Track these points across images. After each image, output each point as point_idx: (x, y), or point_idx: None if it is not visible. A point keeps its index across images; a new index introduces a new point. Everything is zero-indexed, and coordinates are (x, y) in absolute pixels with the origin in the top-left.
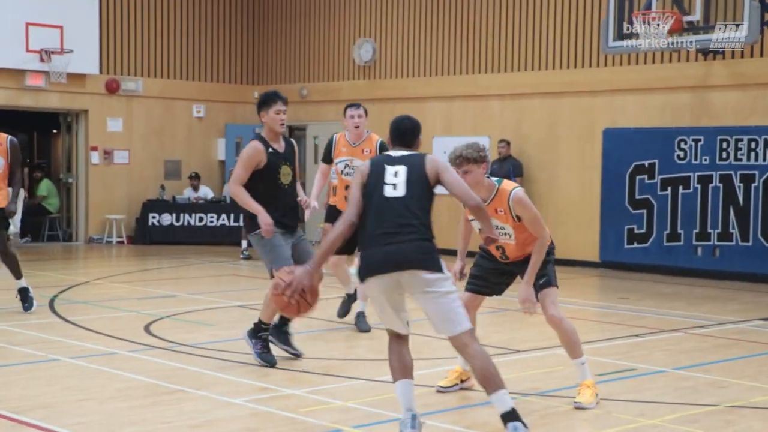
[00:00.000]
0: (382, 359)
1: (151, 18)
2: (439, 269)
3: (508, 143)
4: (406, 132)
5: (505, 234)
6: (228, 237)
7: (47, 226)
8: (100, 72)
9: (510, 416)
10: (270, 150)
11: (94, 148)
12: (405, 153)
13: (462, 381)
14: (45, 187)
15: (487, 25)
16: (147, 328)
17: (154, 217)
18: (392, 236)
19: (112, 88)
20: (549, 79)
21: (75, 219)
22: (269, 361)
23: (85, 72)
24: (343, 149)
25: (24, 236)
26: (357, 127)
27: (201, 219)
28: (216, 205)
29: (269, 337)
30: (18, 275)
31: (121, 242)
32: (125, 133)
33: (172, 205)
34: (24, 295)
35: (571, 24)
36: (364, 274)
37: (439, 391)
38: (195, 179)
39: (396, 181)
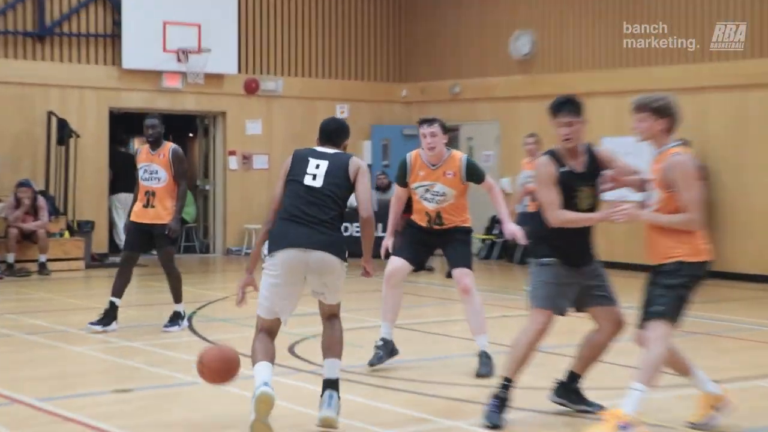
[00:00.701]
0: (549, 387)
1: (292, 14)
2: (344, 259)
3: (687, 143)
4: (331, 133)
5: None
6: (376, 249)
7: (183, 237)
8: (239, 71)
9: (331, 384)
10: (564, 169)
11: (232, 153)
12: (331, 150)
13: (714, 407)
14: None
15: (660, 11)
16: (291, 349)
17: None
18: (307, 221)
19: (251, 89)
20: (736, 71)
21: (212, 229)
22: (493, 422)
23: (223, 72)
24: (420, 173)
25: None
26: (431, 148)
27: (345, 229)
28: None
29: (557, 400)
30: (177, 299)
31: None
32: (264, 136)
33: None
34: (173, 317)
35: (764, 8)
36: (277, 245)
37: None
38: None
39: (316, 173)
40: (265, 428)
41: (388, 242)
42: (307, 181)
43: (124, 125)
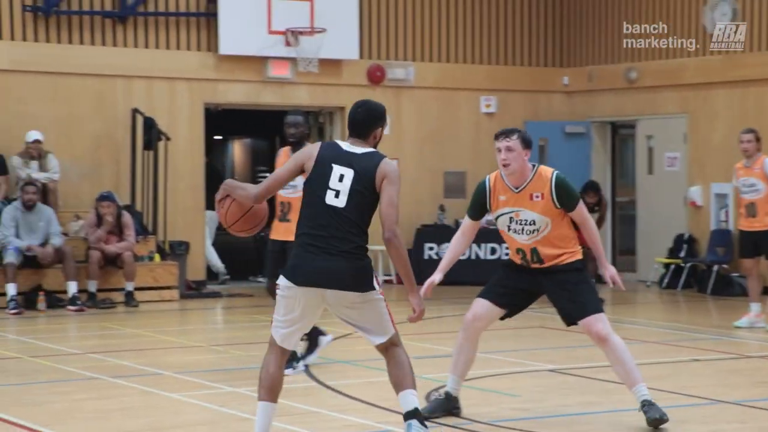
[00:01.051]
0: None
1: None
2: (371, 288)
3: None
4: (359, 124)
5: None
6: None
7: None
8: (360, 57)
9: (411, 414)
10: None
11: None
12: (358, 151)
13: None
14: None
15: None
16: (428, 398)
17: (431, 249)
18: (326, 249)
19: (376, 78)
20: None
21: None
22: None
23: (342, 57)
24: (501, 197)
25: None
26: (505, 165)
27: (493, 251)
28: None
29: None
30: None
31: (389, 281)
32: (392, 136)
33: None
34: (289, 357)
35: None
36: (291, 278)
37: None
38: None
39: (340, 188)
40: None
41: (434, 278)
42: (329, 199)
43: (221, 125)
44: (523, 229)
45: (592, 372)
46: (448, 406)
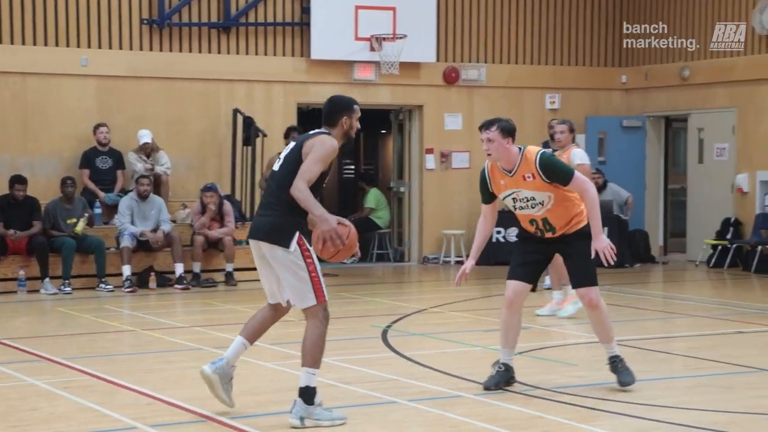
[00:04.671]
0: None
1: None
2: (285, 245)
3: None
4: (323, 114)
5: None
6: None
7: (376, 244)
8: (437, 60)
9: (301, 391)
10: None
11: (430, 151)
12: (313, 131)
13: None
14: (373, 197)
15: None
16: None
17: (498, 232)
18: (262, 207)
19: (451, 79)
20: None
21: (407, 235)
22: None
23: (420, 60)
24: (501, 181)
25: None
26: (488, 155)
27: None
28: None
29: None
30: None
31: (461, 262)
32: (465, 131)
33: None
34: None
35: None
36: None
37: None
38: None
39: (281, 157)
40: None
41: (466, 266)
42: (275, 167)
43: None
44: (528, 205)
45: (646, 343)
46: (507, 376)
